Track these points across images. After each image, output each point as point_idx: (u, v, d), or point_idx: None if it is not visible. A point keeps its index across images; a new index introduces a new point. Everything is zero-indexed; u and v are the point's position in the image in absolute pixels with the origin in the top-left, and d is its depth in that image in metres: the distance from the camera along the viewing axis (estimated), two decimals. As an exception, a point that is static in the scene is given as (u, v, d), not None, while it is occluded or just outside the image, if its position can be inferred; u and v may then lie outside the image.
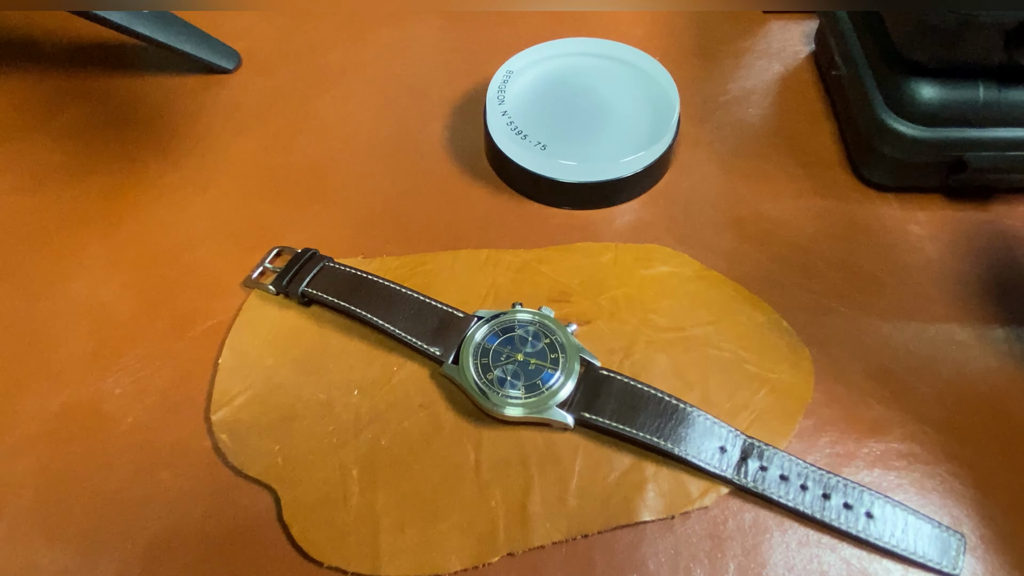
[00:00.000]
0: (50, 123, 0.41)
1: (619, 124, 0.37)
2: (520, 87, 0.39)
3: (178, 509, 0.28)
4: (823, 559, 0.27)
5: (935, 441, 0.29)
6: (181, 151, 0.39)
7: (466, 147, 0.39)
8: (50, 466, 0.29)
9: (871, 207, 0.36)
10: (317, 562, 0.27)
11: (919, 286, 0.33)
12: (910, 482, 0.28)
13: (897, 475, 0.28)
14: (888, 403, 0.30)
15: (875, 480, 0.28)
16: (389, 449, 0.29)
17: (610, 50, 0.40)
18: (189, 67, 0.43)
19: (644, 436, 0.28)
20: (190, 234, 0.36)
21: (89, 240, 0.36)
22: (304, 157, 0.39)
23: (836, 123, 0.40)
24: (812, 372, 0.31)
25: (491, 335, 0.31)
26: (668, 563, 0.27)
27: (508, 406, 0.29)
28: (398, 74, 0.43)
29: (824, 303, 0.33)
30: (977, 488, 0.28)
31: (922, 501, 0.28)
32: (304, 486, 0.28)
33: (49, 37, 0.45)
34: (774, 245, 0.35)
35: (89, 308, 0.33)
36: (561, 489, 0.28)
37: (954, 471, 0.28)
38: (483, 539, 0.27)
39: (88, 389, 0.31)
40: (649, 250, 0.35)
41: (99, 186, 0.38)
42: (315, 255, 0.34)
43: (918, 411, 0.30)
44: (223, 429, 0.29)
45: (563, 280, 0.34)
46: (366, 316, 0.31)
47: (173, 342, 0.32)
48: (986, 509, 0.28)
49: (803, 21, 0.45)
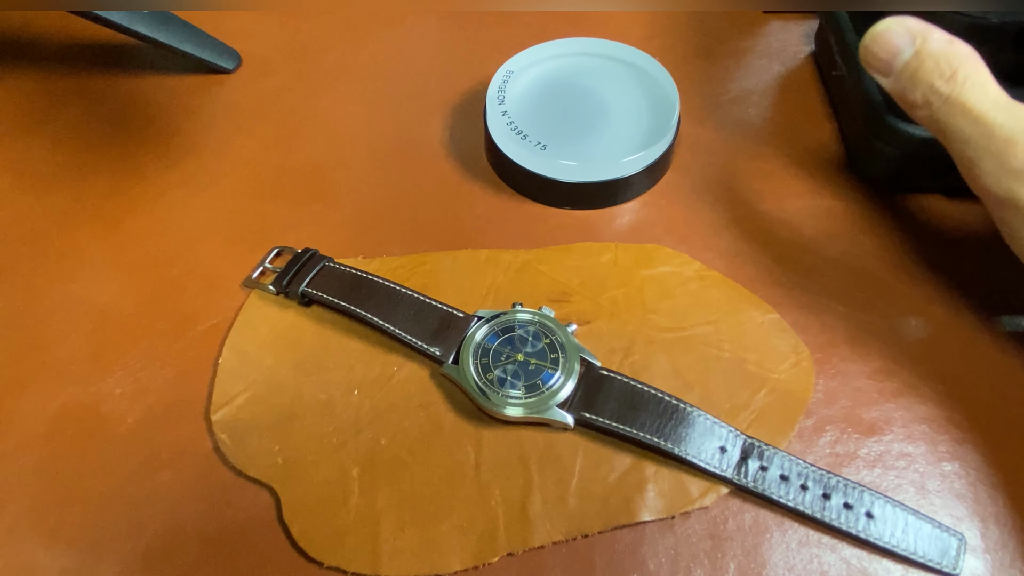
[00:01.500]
0: (50, 123, 0.41)
1: (619, 124, 0.37)
2: (520, 87, 0.39)
3: (178, 509, 0.28)
4: (823, 559, 0.27)
5: (935, 441, 0.29)
6: (181, 151, 0.39)
7: (466, 147, 0.39)
8: (50, 466, 0.29)
9: (871, 207, 0.36)
10: (317, 562, 0.27)
11: (919, 286, 0.33)
12: (910, 482, 0.28)
13: (897, 475, 0.28)
14: (888, 403, 0.30)
15: (875, 480, 0.28)
16: (389, 449, 0.29)
17: (610, 50, 0.40)
18: (189, 67, 0.43)
19: (644, 436, 0.28)
20: (190, 234, 0.36)
21: (89, 240, 0.36)
22: (304, 157, 0.39)
23: (836, 123, 0.40)
24: (812, 372, 0.31)
25: (491, 335, 0.31)
26: (668, 563, 0.27)
27: (508, 406, 0.29)
28: (398, 74, 0.43)
29: (824, 303, 0.33)
30: (977, 488, 0.28)
31: (922, 501, 0.28)
32: (304, 486, 0.28)
33: (49, 37, 0.45)
34: (774, 245, 0.35)
35: (89, 308, 0.33)
36: (561, 489, 0.28)
37: (954, 471, 0.28)
38: (483, 539, 0.27)
39: (88, 389, 0.31)
40: (649, 250, 0.35)
41: (99, 186, 0.38)
42: (315, 255, 0.34)
43: (918, 411, 0.30)
44: (223, 429, 0.29)
45: (563, 280, 0.34)
46: (366, 316, 0.31)
47: (173, 342, 0.32)
48: (986, 509, 0.28)
49: (803, 21, 0.45)
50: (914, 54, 0.27)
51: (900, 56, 0.27)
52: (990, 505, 0.28)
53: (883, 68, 0.28)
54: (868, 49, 0.28)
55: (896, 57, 0.27)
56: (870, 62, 0.28)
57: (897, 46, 0.27)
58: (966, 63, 0.26)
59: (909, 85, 0.27)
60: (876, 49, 0.28)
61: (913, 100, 0.27)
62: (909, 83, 0.27)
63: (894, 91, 0.28)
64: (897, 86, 0.28)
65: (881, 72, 0.28)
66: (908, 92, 0.27)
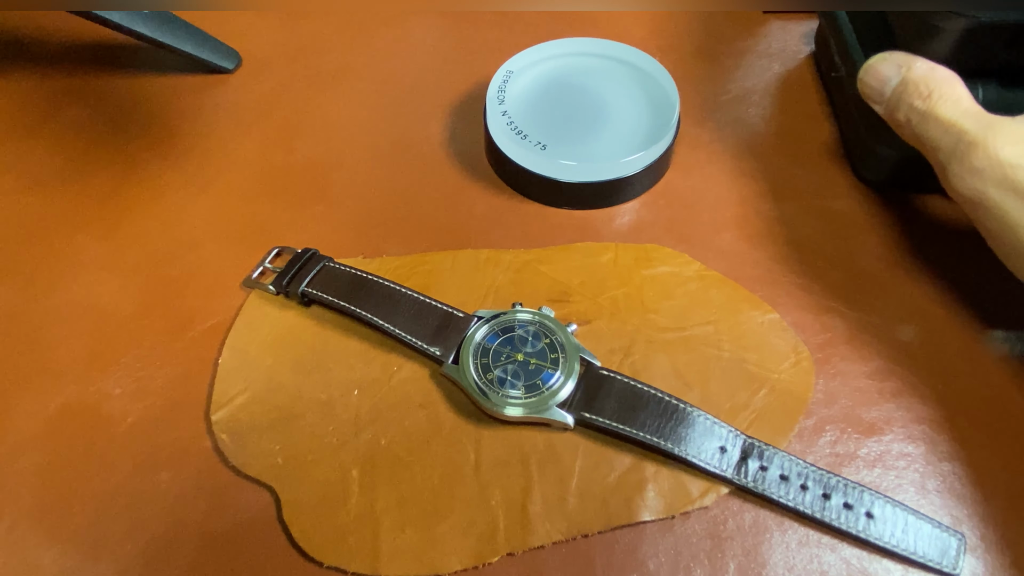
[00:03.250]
0: (50, 123, 0.41)
1: (619, 124, 0.37)
2: (520, 87, 0.39)
3: (178, 509, 0.28)
4: (823, 559, 0.27)
5: (935, 441, 0.29)
6: (181, 151, 0.39)
7: (466, 147, 0.39)
8: (50, 466, 0.29)
9: (871, 207, 0.36)
10: (317, 562, 0.27)
11: (919, 286, 0.33)
12: (910, 482, 0.28)
13: (897, 475, 0.28)
14: (888, 403, 0.30)
15: (875, 480, 0.28)
16: (389, 449, 0.29)
17: (610, 50, 0.40)
18: (189, 67, 0.43)
19: (644, 436, 0.28)
20: (190, 234, 0.36)
21: (89, 240, 0.36)
22: (304, 157, 0.39)
23: (836, 123, 0.40)
24: (812, 372, 0.31)
25: (491, 335, 0.31)
26: (668, 563, 0.27)
27: (508, 406, 0.29)
28: (398, 74, 0.43)
29: (824, 303, 0.33)
30: (977, 488, 0.28)
31: (922, 501, 0.28)
32: (304, 486, 0.28)
33: (49, 37, 0.45)
34: (774, 245, 0.35)
35: (89, 308, 0.33)
36: (561, 489, 0.28)
37: (954, 471, 0.28)
38: (483, 539, 0.27)
39: (88, 389, 0.31)
40: (649, 250, 0.35)
41: (99, 186, 0.38)
42: (315, 255, 0.34)
43: (918, 411, 0.30)
44: (223, 429, 0.29)
45: (563, 280, 0.34)
46: (366, 316, 0.31)
47: (173, 342, 0.32)
48: (986, 509, 0.28)
49: (803, 21, 0.45)
50: (900, 81, 0.30)
51: (889, 84, 0.30)
52: (990, 505, 0.28)
53: (876, 96, 0.31)
54: (862, 81, 0.31)
55: (886, 85, 0.30)
56: (865, 92, 0.31)
57: (886, 75, 0.30)
58: (942, 84, 0.29)
59: (895, 108, 0.30)
60: (868, 79, 0.31)
61: (898, 120, 0.30)
62: (895, 106, 0.30)
63: (885, 115, 0.31)
64: (887, 111, 0.31)
65: (875, 100, 0.31)
66: (894, 113, 0.30)
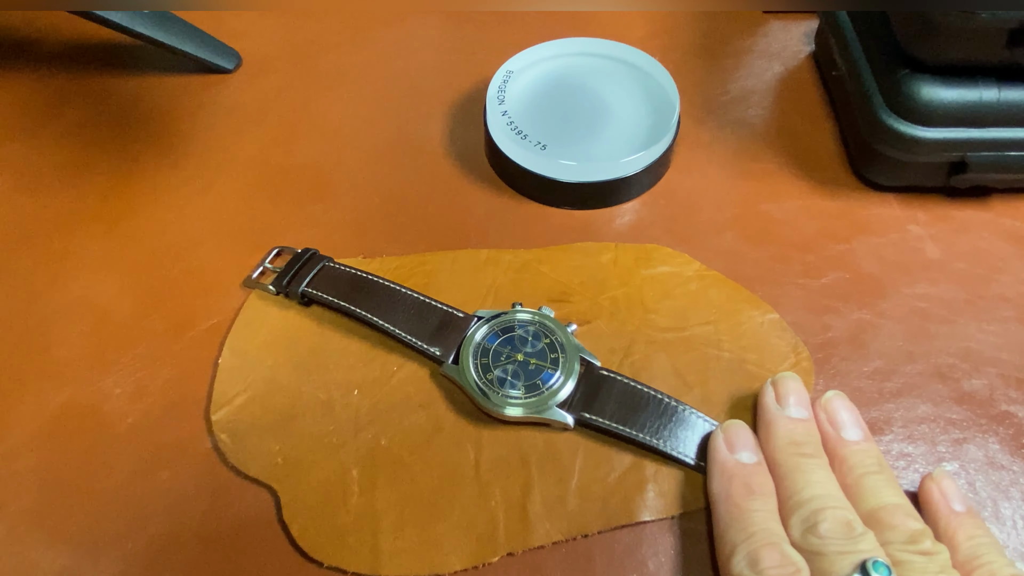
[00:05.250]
0: (50, 123, 0.41)
1: (619, 124, 0.37)
2: (520, 87, 0.39)
3: (178, 509, 0.28)
4: (823, 559, 0.27)
5: (935, 441, 0.29)
6: (181, 151, 0.39)
7: (466, 147, 0.39)
8: (50, 466, 0.29)
9: (871, 207, 0.36)
10: (317, 562, 0.27)
11: (919, 286, 0.33)
12: (910, 482, 0.28)
13: (897, 475, 0.28)
14: (888, 403, 0.30)
15: (875, 480, 0.28)
16: (389, 449, 0.29)
17: (610, 50, 0.40)
18: (189, 67, 0.43)
19: (644, 438, 0.28)
20: (190, 234, 0.36)
21: (89, 240, 0.36)
22: (304, 157, 0.39)
23: (836, 123, 0.40)
24: (812, 372, 0.31)
25: (491, 335, 0.31)
26: (668, 563, 0.27)
27: (508, 406, 0.29)
28: (398, 74, 0.43)
29: (824, 303, 0.33)
30: (977, 488, 0.28)
31: (922, 501, 0.28)
32: (304, 486, 0.28)
33: (49, 37, 0.45)
34: (774, 245, 0.35)
35: (89, 308, 0.33)
36: (561, 489, 0.28)
37: (954, 471, 0.28)
38: (483, 539, 0.27)
39: (88, 389, 0.31)
40: (649, 250, 0.35)
41: (99, 186, 0.38)
42: (315, 255, 0.34)
43: (918, 411, 0.30)
44: (223, 429, 0.29)
45: (563, 280, 0.34)
46: (366, 316, 0.31)
47: (173, 342, 0.32)
48: (986, 509, 0.28)
49: (803, 21, 0.45)
50: None
51: None
52: (990, 505, 0.28)
53: None
54: None
55: None
56: None
57: None
58: None
59: None
60: None
61: None
62: None
63: None
64: None
65: None
66: None
